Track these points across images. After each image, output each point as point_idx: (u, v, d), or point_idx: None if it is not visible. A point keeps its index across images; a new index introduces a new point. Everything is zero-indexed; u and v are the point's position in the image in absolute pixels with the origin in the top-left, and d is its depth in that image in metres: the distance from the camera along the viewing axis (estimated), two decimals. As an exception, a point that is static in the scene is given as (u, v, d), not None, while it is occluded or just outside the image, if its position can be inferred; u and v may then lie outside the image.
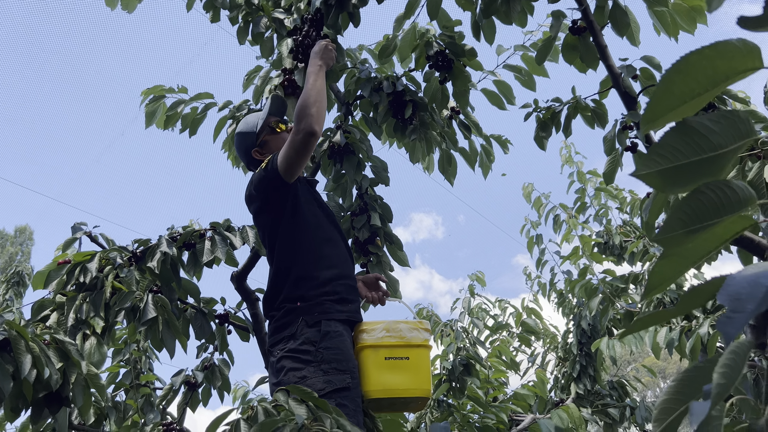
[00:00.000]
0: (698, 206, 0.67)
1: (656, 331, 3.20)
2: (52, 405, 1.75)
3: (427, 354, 1.91)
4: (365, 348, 1.86)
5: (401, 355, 1.86)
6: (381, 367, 1.84)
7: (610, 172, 2.43)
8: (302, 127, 1.87)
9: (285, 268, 1.92)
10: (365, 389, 1.83)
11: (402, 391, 1.84)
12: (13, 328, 1.44)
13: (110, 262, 2.16)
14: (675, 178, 0.68)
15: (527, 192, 5.27)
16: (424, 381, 1.87)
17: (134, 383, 3.39)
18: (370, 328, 1.89)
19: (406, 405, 1.95)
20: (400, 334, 1.88)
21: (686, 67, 0.65)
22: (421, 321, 1.94)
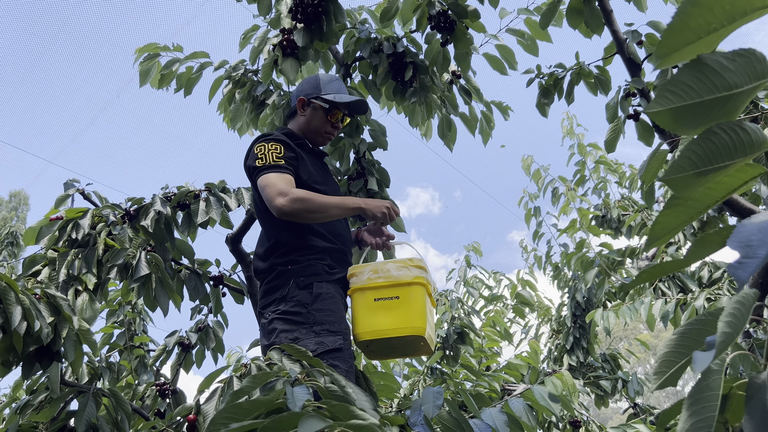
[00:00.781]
0: (710, 147, 0.64)
1: (651, 304, 3.20)
2: (42, 359, 1.74)
3: (419, 291, 1.82)
4: (354, 292, 1.83)
5: (390, 295, 1.80)
6: (370, 309, 1.80)
7: (612, 140, 2.40)
8: (285, 206, 1.79)
9: (277, 235, 1.90)
10: (355, 332, 1.80)
11: (390, 330, 1.78)
12: (3, 280, 1.42)
13: (103, 219, 2.14)
14: (687, 117, 0.65)
15: (527, 164, 5.24)
16: (416, 318, 1.79)
17: (128, 344, 3.39)
18: (358, 271, 1.85)
19: (403, 348, 1.88)
20: (388, 274, 1.82)
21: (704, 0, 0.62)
22: (412, 258, 1.87)
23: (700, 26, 0.63)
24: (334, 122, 2.09)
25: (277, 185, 1.83)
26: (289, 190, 1.83)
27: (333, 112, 2.08)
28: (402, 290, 1.81)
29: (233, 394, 1.10)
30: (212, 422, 0.98)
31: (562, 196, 4.94)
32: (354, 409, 0.98)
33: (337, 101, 2.06)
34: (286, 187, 1.83)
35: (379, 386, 2.71)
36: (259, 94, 2.83)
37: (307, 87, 2.13)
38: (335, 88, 2.11)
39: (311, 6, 2.47)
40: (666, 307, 3.10)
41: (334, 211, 1.85)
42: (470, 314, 3.93)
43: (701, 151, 0.65)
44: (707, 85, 0.64)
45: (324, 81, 2.13)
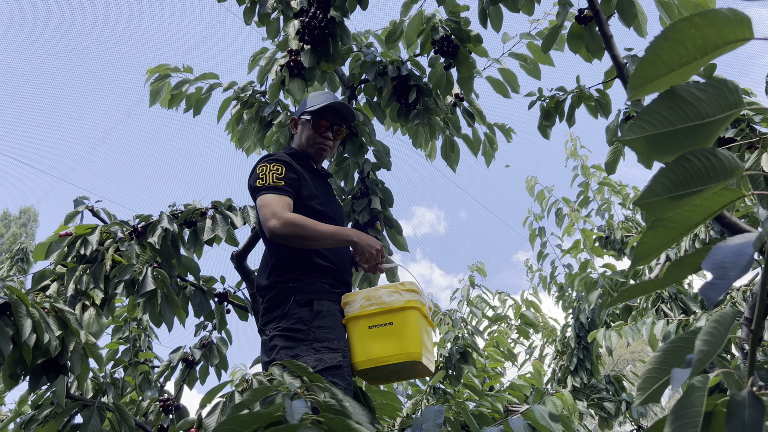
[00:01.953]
0: (683, 172, 0.68)
1: (653, 324, 3.21)
2: (50, 373, 1.78)
3: (413, 315, 1.81)
4: (348, 321, 1.84)
5: (383, 322, 1.80)
6: (364, 337, 1.80)
7: (612, 162, 2.44)
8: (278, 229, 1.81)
9: (278, 253, 1.93)
10: (353, 362, 1.81)
11: (386, 358, 1.78)
12: (14, 293, 1.46)
13: (111, 235, 2.18)
14: (661, 145, 0.68)
15: (531, 185, 5.27)
16: (411, 344, 1.78)
17: (133, 360, 3.43)
18: (350, 299, 1.86)
19: (402, 372, 1.88)
20: (380, 300, 1.81)
21: (675, 34, 0.66)
22: (403, 282, 1.86)
23: (672, 59, 0.67)
24: (323, 132, 2.11)
25: (273, 207, 1.86)
26: (284, 213, 1.84)
27: (317, 122, 2.10)
28: (395, 316, 1.80)
29: (234, 407, 1.13)
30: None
31: (566, 217, 4.97)
32: (351, 422, 1.01)
33: (315, 108, 2.09)
34: (280, 210, 1.85)
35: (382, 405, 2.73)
36: (267, 114, 2.90)
37: (299, 108, 2.19)
38: (320, 101, 2.13)
39: (318, 28, 2.54)
40: (668, 328, 3.11)
41: (327, 240, 1.86)
42: (473, 334, 3.94)
43: (674, 177, 0.68)
44: (680, 114, 0.68)
45: (311, 97, 2.17)
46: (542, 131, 2.61)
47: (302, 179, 1.99)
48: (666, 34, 0.66)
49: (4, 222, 22.58)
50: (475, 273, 5.28)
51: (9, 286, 1.46)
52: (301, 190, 1.97)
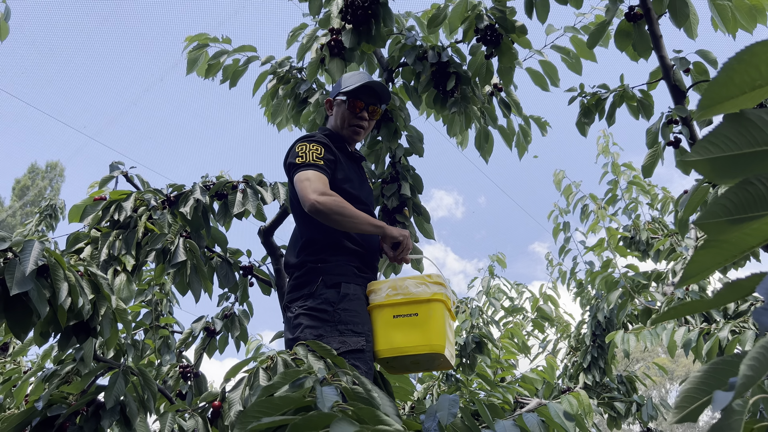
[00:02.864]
0: (745, 196, 0.67)
1: (674, 330, 3.19)
2: (80, 334, 1.82)
3: (438, 308, 1.82)
4: (373, 309, 1.85)
5: (408, 312, 1.81)
6: (389, 326, 1.81)
7: (649, 165, 2.40)
8: (318, 204, 1.82)
9: (310, 233, 1.94)
10: (375, 349, 1.82)
11: (409, 348, 1.79)
12: (53, 256, 1.49)
13: (144, 203, 2.21)
14: (725, 168, 0.67)
15: (558, 179, 5.22)
16: (435, 336, 1.79)
17: (154, 324, 3.49)
18: (376, 288, 1.87)
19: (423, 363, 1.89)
20: (407, 291, 1.82)
21: (750, 57, 0.64)
22: (431, 275, 1.87)
23: (744, 82, 0.65)
24: (358, 113, 2.11)
25: (315, 183, 1.87)
26: (325, 189, 1.86)
27: (353, 102, 2.10)
28: (421, 307, 1.81)
29: (264, 388, 1.15)
30: (244, 415, 1.03)
31: (591, 214, 4.92)
32: (380, 414, 1.02)
33: (351, 89, 2.09)
34: (322, 186, 1.87)
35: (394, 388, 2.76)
36: (303, 91, 2.89)
37: (334, 87, 2.18)
38: (355, 80, 2.12)
39: (361, 8, 2.51)
40: (689, 335, 3.08)
41: (362, 225, 1.87)
42: (489, 324, 3.94)
43: (736, 200, 0.67)
44: (748, 138, 0.66)
45: (345, 78, 2.16)
46: (580, 128, 2.57)
47: (338, 162, 1.99)
48: (740, 56, 0.65)
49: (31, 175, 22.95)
50: (495, 263, 5.28)
51: (48, 249, 1.49)
52: (336, 173, 1.97)
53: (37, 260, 1.41)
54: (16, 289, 1.33)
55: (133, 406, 1.87)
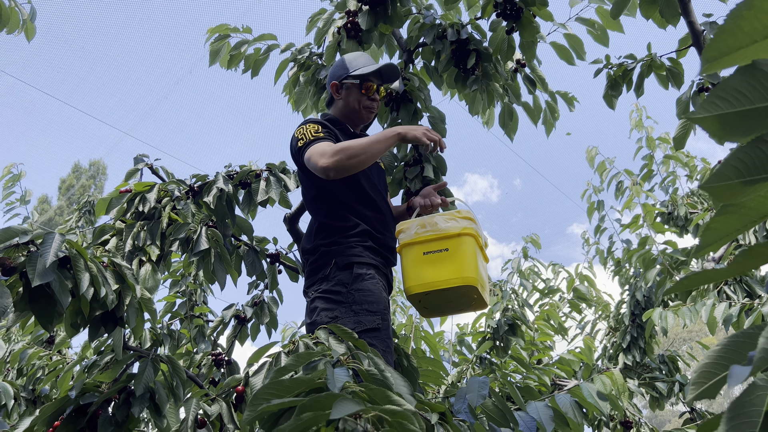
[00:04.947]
0: (759, 155, 0.62)
1: (714, 306, 3.08)
2: (107, 324, 1.85)
3: (469, 242, 1.80)
4: (403, 248, 1.84)
5: (439, 248, 1.79)
6: (419, 263, 1.80)
7: (682, 136, 2.31)
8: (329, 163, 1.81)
9: (321, 218, 1.95)
10: (405, 287, 1.81)
11: (442, 282, 1.77)
12: (74, 247, 1.52)
13: (168, 193, 2.24)
14: (735, 125, 0.63)
15: (591, 156, 5.09)
16: (467, 269, 1.76)
17: (188, 314, 3.55)
18: (405, 227, 1.86)
19: (457, 302, 1.86)
20: (436, 227, 1.81)
21: (761, 2, 0.59)
22: (460, 210, 1.86)
23: (755, 30, 0.60)
24: (370, 95, 2.11)
25: (318, 149, 1.87)
26: (326, 150, 1.85)
27: (365, 85, 2.09)
28: (451, 242, 1.80)
29: (277, 371, 1.14)
30: (255, 397, 1.03)
31: (626, 190, 4.79)
32: (391, 394, 1.01)
33: (366, 72, 2.07)
34: (323, 149, 1.85)
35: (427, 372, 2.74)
36: (322, 77, 2.87)
37: (337, 70, 2.15)
38: (363, 62, 2.11)
39: (377, -10, 2.48)
40: (729, 311, 2.98)
41: (375, 147, 1.85)
42: (523, 306, 3.89)
43: (749, 160, 0.63)
44: (761, 92, 0.61)
45: (350, 59, 2.14)
46: (608, 101, 2.49)
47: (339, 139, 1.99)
48: (750, 2, 0.60)
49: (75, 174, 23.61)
50: (529, 245, 5.19)
51: (69, 240, 1.52)
52: None
53: (58, 252, 1.43)
54: (37, 281, 1.35)
55: (162, 393, 1.89)
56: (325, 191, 1.97)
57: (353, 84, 2.09)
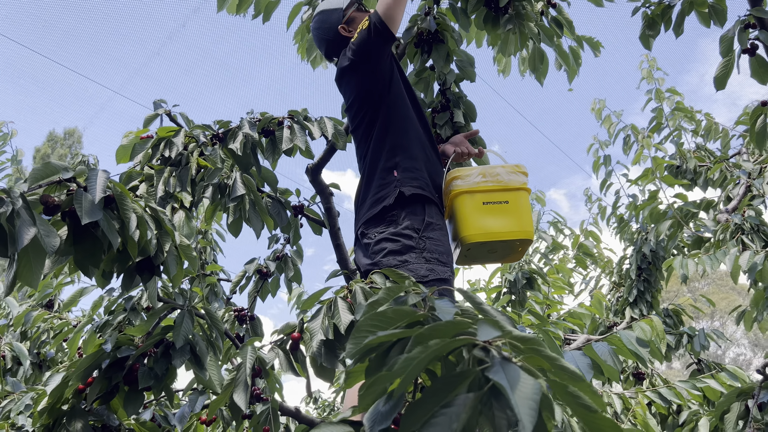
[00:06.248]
0: None
1: (737, 255, 3.07)
2: (143, 273, 1.75)
3: (526, 197, 1.84)
4: (461, 194, 1.81)
5: (500, 200, 1.80)
6: (479, 212, 1.79)
7: (723, 76, 2.24)
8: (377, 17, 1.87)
9: (382, 137, 1.88)
10: (464, 234, 1.78)
11: (504, 233, 1.78)
12: (117, 187, 1.40)
13: (194, 139, 2.11)
14: None
15: (597, 109, 5.03)
16: (527, 223, 1.80)
17: (200, 272, 3.45)
18: (464, 174, 1.83)
19: (501, 252, 1.88)
20: (498, 178, 1.82)
21: None
22: (519, 165, 1.87)
23: None
24: None
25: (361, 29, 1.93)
26: None
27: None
28: (511, 195, 1.81)
29: (370, 304, 1.06)
30: (357, 329, 0.95)
31: (634, 144, 4.74)
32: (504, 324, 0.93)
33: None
34: None
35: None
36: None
37: (334, 16, 2.14)
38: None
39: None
40: (754, 259, 2.96)
41: None
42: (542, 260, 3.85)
43: None
44: None
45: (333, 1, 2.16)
46: (644, 41, 2.40)
47: None
48: None
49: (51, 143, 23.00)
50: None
51: (112, 180, 1.40)
52: (395, 67, 1.99)
53: (104, 189, 1.32)
54: (86, 218, 1.24)
55: (202, 345, 1.81)
56: (391, 107, 1.94)
57: (356, 13, 2.11)
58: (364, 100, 1.93)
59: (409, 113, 1.96)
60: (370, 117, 1.92)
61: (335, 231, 2.65)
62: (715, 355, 21.14)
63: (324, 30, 2.14)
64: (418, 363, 0.78)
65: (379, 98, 1.91)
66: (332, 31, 2.10)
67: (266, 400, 2.03)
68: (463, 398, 0.76)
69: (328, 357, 1.48)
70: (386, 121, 1.89)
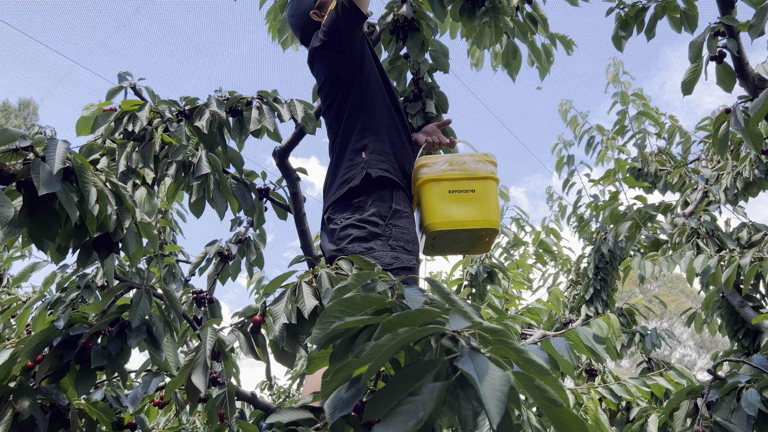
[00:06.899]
0: None
1: (692, 258, 3.15)
2: (101, 249, 1.69)
3: (494, 186, 1.82)
4: (427, 182, 1.79)
5: (466, 188, 1.78)
6: (444, 200, 1.77)
7: (690, 81, 2.28)
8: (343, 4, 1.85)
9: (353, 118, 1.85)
10: (428, 222, 1.76)
11: (468, 222, 1.76)
12: (78, 158, 1.35)
13: (159, 114, 2.05)
14: None
15: (564, 110, 5.09)
16: (493, 213, 1.78)
17: (158, 252, 3.37)
18: (431, 162, 1.81)
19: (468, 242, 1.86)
20: (464, 167, 1.79)
21: None
22: (487, 154, 1.84)
23: None
24: None
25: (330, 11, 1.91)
26: None
27: None
28: (478, 183, 1.79)
29: (337, 290, 1.04)
30: (325, 315, 0.93)
31: (598, 146, 4.82)
32: (473, 315, 0.93)
33: None
34: None
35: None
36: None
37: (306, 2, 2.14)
38: None
39: None
40: (708, 263, 3.05)
41: None
42: (504, 254, 3.89)
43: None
44: None
45: None
46: (616, 42, 2.43)
47: None
48: None
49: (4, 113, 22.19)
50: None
51: (72, 151, 1.35)
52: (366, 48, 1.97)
53: (64, 160, 1.27)
54: (43, 189, 1.19)
55: (159, 325, 1.76)
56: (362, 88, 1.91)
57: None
58: (336, 81, 1.91)
59: (382, 96, 1.94)
60: (341, 97, 1.90)
61: (300, 216, 2.62)
62: (662, 355, 21.87)
63: (298, 17, 2.12)
64: (387, 350, 0.76)
65: (351, 78, 1.88)
66: (305, 18, 2.08)
67: (223, 384, 2.00)
68: (430, 387, 0.75)
69: (290, 341, 1.46)
70: (357, 101, 1.87)
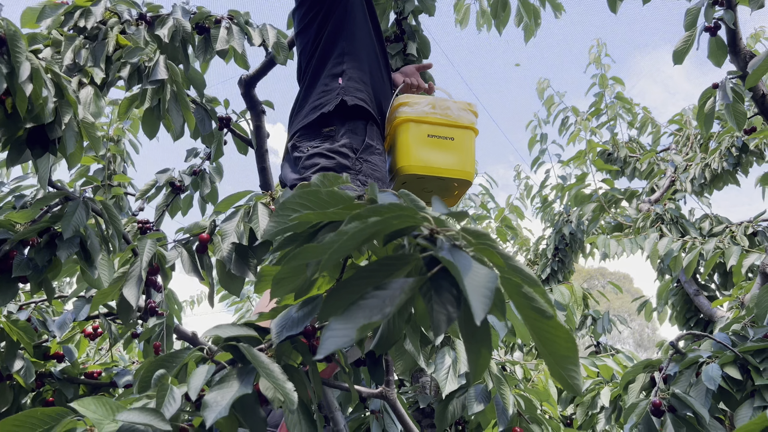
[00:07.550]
0: None
1: (656, 242, 3.12)
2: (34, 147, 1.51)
3: (473, 137, 1.74)
4: (406, 121, 1.68)
5: (446, 135, 1.69)
6: (422, 143, 1.67)
7: (682, 51, 2.20)
8: None
9: (333, 39, 1.71)
10: (402, 164, 1.66)
11: (444, 170, 1.68)
12: (11, 26, 1.17)
13: (116, 15, 1.85)
14: None
15: (541, 88, 5.01)
16: (469, 164, 1.71)
17: (106, 182, 3.17)
18: (413, 101, 1.70)
19: (437, 192, 1.78)
20: (447, 113, 1.71)
21: None
22: (471, 104, 1.75)
23: None
24: None
25: None
26: None
27: None
28: (458, 132, 1.71)
29: (300, 186, 0.91)
30: (283, 206, 0.80)
31: (571, 126, 4.77)
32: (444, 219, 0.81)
33: None
34: None
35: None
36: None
37: None
38: None
39: None
40: (671, 246, 3.02)
41: None
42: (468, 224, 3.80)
43: None
44: None
45: None
46: (611, 5, 2.33)
47: None
48: None
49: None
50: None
51: (4, 18, 1.17)
52: None
53: (-8, 21, 1.09)
54: (-36, 49, 1.01)
55: (94, 239, 1.60)
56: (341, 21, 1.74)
57: None
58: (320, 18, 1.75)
59: (366, 26, 1.80)
60: (322, 18, 1.74)
61: (262, 153, 2.46)
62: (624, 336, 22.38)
63: None
64: (353, 235, 0.64)
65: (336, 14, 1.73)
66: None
67: (162, 315, 1.85)
68: (400, 282, 0.63)
69: (239, 264, 1.32)
70: (339, 24, 1.72)
